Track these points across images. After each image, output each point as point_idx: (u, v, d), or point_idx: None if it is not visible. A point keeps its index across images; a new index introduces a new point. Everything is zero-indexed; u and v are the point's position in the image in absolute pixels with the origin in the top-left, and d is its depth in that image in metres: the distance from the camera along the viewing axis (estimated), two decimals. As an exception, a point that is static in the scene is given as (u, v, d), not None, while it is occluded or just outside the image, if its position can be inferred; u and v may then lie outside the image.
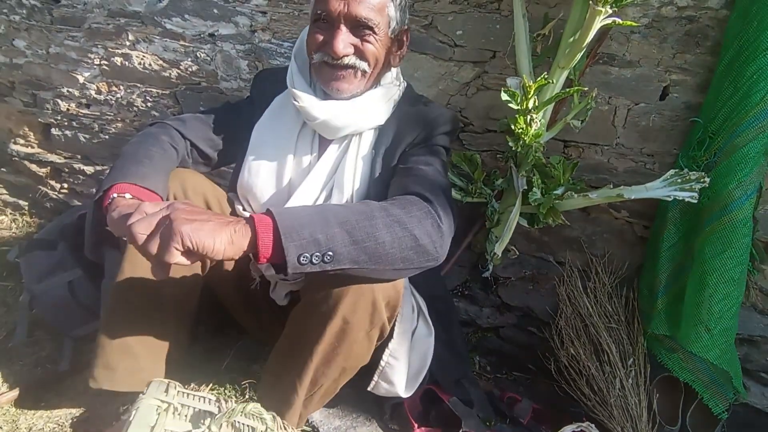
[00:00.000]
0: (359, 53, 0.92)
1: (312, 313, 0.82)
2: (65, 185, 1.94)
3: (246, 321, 1.19)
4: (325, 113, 0.95)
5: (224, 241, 0.67)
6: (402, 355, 0.96)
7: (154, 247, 0.66)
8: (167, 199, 0.91)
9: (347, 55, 0.91)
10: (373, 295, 0.79)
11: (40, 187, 1.96)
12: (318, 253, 0.68)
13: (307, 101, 0.95)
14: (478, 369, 1.42)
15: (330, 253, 0.68)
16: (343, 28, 0.90)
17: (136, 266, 0.91)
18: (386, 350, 0.94)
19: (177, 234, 0.64)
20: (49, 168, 1.94)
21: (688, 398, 1.22)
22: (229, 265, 1.09)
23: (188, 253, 0.66)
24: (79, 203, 1.90)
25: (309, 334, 0.83)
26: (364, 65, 0.93)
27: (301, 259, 0.68)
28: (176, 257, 0.65)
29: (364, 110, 0.97)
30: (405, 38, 1.01)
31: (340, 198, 0.97)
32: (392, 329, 0.91)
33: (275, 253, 0.69)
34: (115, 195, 0.82)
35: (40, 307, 1.29)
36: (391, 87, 1.02)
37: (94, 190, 1.85)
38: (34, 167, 1.94)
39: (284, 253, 0.67)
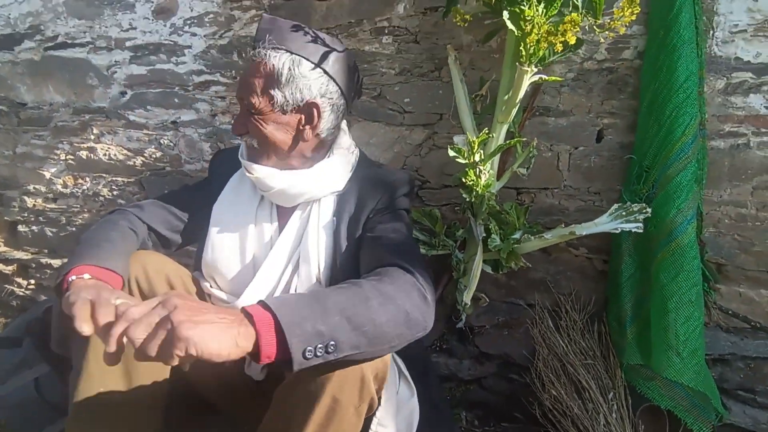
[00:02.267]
0: (252, 133, 0.98)
1: (299, 393, 0.79)
2: (32, 281, 1.91)
3: (220, 400, 1.15)
4: (281, 182, 0.98)
5: (230, 345, 0.63)
6: (389, 422, 0.93)
7: (153, 351, 0.62)
8: (128, 282, 0.91)
9: (242, 134, 0.99)
10: (362, 370, 0.77)
11: (6, 285, 1.92)
12: (321, 345, 0.66)
13: (261, 172, 0.99)
14: (465, 424, 1.40)
15: (332, 342, 0.67)
16: (241, 110, 0.98)
17: (101, 355, 0.89)
18: (374, 419, 0.91)
19: (181, 341, 0.60)
20: (15, 265, 1.91)
21: (673, 425, 1.22)
22: None
23: (189, 356, 0.62)
24: (46, 297, 1.86)
25: (296, 414, 0.79)
26: (255, 143, 0.99)
27: (306, 353, 0.65)
28: (176, 361, 0.62)
29: (319, 178, 1.01)
30: (315, 112, 0.97)
31: (307, 270, 0.98)
32: (379, 398, 0.90)
33: (279, 351, 0.65)
34: (73, 277, 0.81)
35: (3, 411, 1.23)
36: (345, 154, 1.06)
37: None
38: (-1, 266, 1.91)
39: (289, 350, 0.64)
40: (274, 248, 0.99)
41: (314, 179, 1.00)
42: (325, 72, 0.97)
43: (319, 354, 0.66)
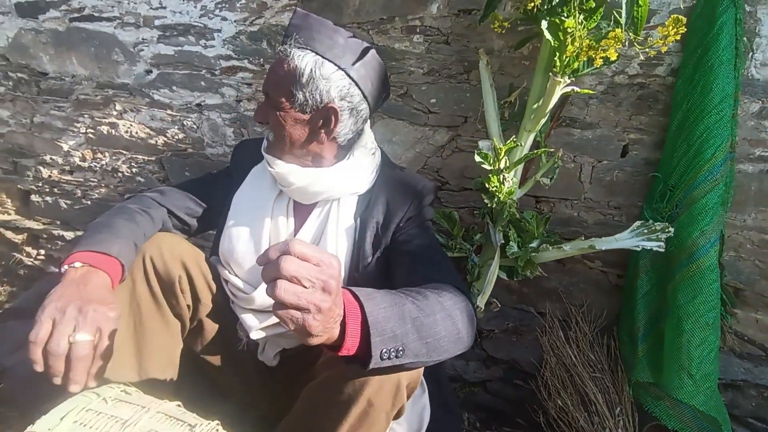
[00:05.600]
0: (271, 125, 0.99)
1: (333, 393, 0.79)
2: (42, 251, 1.91)
3: (231, 385, 1.16)
4: (302, 180, 0.98)
5: (325, 338, 0.61)
6: (404, 420, 0.95)
7: (281, 314, 0.57)
8: (144, 260, 0.93)
9: (261, 123, 1.01)
10: (399, 378, 0.77)
11: (15, 254, 1.93)
12: (394, 349, 0.66)
13: (282, 167, 0.99)
14: (468, 425, 1.41)
15: (401, 348, 0.67)
16: (266, 100, 0.99)
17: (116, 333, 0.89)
18: (393, 420, 0.93)
19: (305, 331, 0.58)
20: (26, 234, 1.92)
21: (679, 446, 1.23)
22: (213, 328, 1.08)
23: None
24: (57, 269, 1.87)
25: (330, 414, 0.80)
26: (271, 136, 1.00)
27: (383, 354, 0.65)
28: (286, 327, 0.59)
29: (339, 179, 1.01)
30: (333, 116, 0.97)
31: None
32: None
33: (360, 346, 0.65)
34: (65, 267, 0.82)
35: (10, 381, 1.24)
36: (368, 155, 1.06)
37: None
38: (9, 234, 1.92)
39: (369, 348, 0.64)
40: None
41: (335, 179, 1.00)
42: (348, 75, 0.97)
43: (391, 357, 0.66)
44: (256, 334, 1.02)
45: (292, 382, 1.06)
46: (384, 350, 0.65)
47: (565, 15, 1.02)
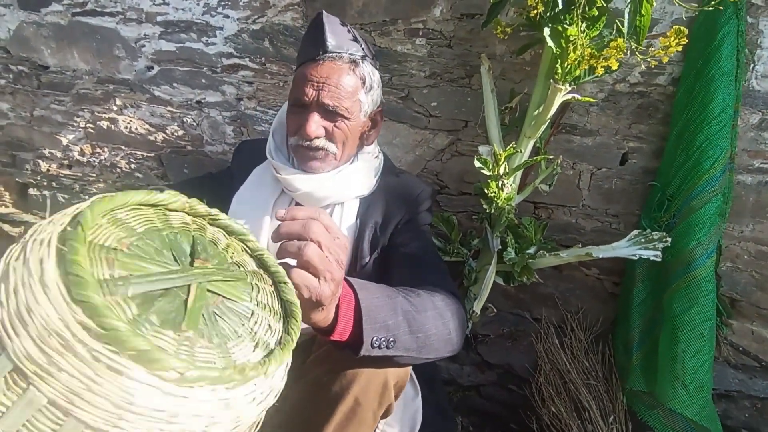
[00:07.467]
0: (329, 136, 0.98)
1: (321, 391, 0.81)
2: (39, 246, 1.91)
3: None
4: (308, 185, 0.99)
5: (323, 319, 0.63)
6: (396, 422, 0.95)
7: (296, 279, 0.57)
8: None
9: (318, 137, 0.97)
10: (386, 377, 0.79)
11: (12, 247, 1.92)
12: (385, 338, 0.68)
13: (289, 174, 1.00)
14: (462, 429, 1.41)
15: (392, 339, 0.69)
16: (315, 112, 0.96)
17: None
18: (381, 420, 0.93)
19: (318, 303, 0.59)
20: (23, 228, 1.91)
21: (671, 455, 1.23)
22: None
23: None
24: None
25: (319, 413, 0.81)
26: (332, 147, 0.98)
27: (374, 342, 0.67)
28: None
29: (346, 182, 1.02)
30: (379, 118, 1.06)
31: None
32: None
33: (352, 332, 0.67)
34: None
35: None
36: (371, 159, 1.08)
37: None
38: (6, 227, 1.91)
39: (361, 334, 0.66)
40: None
41: (340, 183, 1.01)
42: (381, 79, 1.03)
43: (381, 346, 0.68)
44: None
45: (286, 385, 1.06)
46: (375, 338, 0.67)
47: (568, 23, 1.02)
